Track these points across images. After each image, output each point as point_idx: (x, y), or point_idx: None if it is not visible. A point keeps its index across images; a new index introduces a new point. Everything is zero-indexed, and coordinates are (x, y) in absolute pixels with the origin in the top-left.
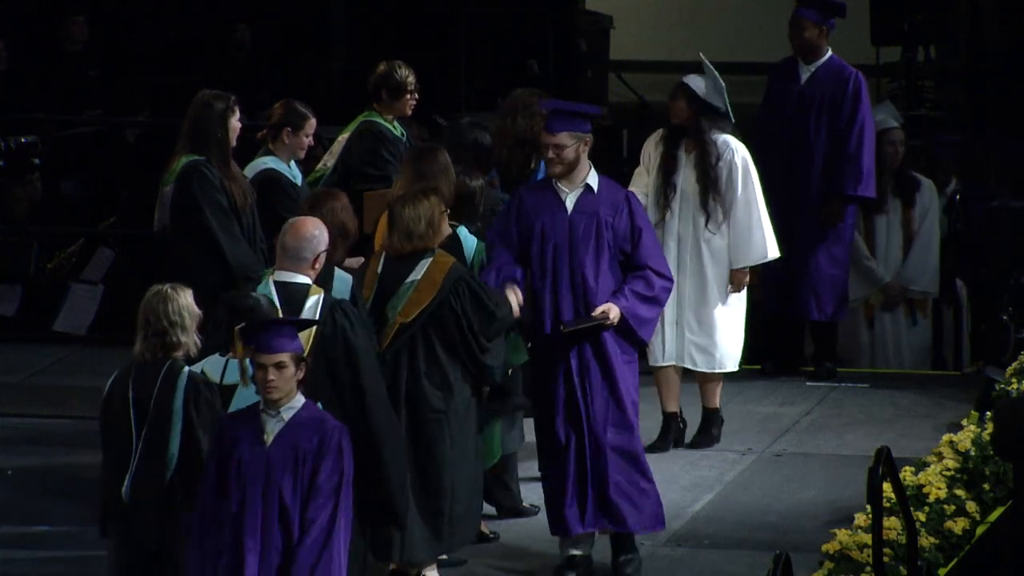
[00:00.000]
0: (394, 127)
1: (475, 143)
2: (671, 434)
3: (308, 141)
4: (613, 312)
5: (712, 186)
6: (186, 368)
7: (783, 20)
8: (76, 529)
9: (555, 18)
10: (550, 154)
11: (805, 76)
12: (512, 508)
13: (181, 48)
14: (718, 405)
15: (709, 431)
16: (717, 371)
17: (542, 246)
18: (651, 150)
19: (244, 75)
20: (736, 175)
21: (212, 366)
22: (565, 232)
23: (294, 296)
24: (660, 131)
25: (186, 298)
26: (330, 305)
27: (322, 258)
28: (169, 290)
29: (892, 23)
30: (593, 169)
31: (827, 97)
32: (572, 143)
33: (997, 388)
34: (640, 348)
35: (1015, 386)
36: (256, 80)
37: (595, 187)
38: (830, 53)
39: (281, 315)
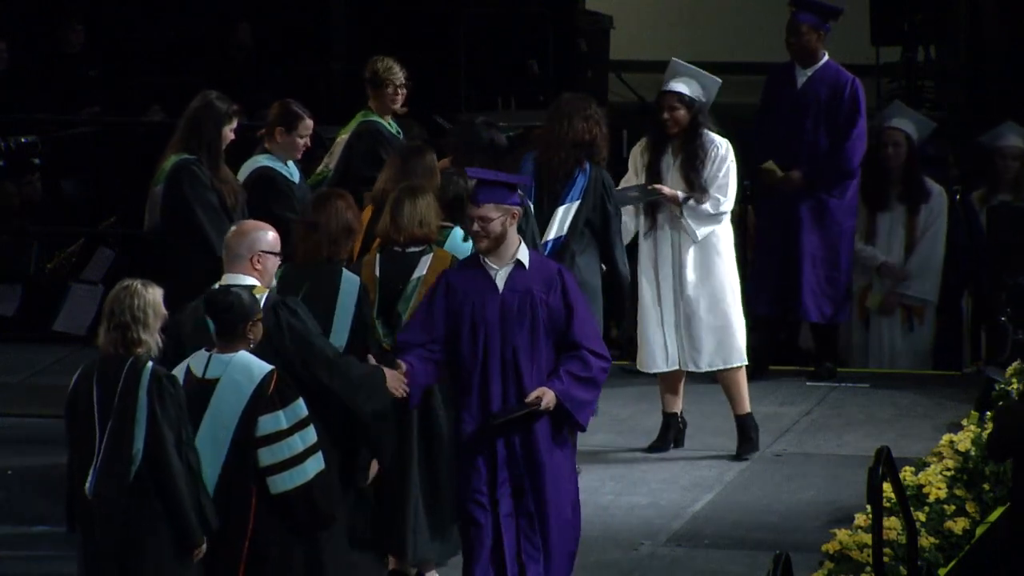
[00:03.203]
0: (389, 125)
1: (491, 143)
2: (671, 434)
3: (303, 142)
4: (547, 397)
5: (698, 183)
6: (150, 364)
7: (783, 20)
8: None
9: (555, 18)
10: (475, 227)
11: (802, 80)
12: None
13: (181, 48)
14: (748, 409)
15: (748, 438)
16: (730, 366)
17: (473, 329)
18: (638, 158)
19: (244, 75)
20: (722, 168)
21: (196, 361)
22: (497, 312)
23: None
24: (644, 140)
25: (154, 296)
26: (273, 303)
27: (261, 258)
28: (139, 286)
29: (892, 23)
30: (523, 244)
31: (824, 101)
32: (498, 215)
33: (997, 388)
34: (579, 431)
35: (1015, 386)
36: (256, 80)
37: (526, 263)
38: (827, 57)
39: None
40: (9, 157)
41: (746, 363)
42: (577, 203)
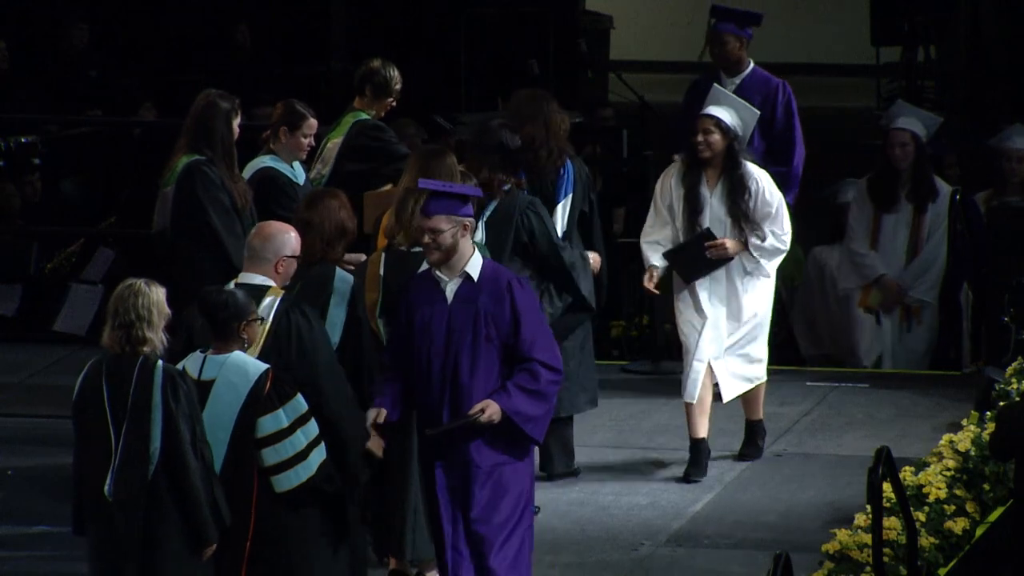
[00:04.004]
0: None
1: (500, 145)
2: (704, 459)
3: (307, 142)
4: (490, 410)
5: (744, 218)
6: (160, 362)
7: (781, 21)
8: None
9: (555, 18)
10: (426, 239)
11: (731, 89)
12: None
13: (181, 48)
14: (761, 416)
15: (755, 443)
16: (759, 383)
17: (420, 340)
18: (671, 189)
19: (244, 75)
20: (772, 200)
21: (192, 363)
22: (443, 324)
23: (253, 296)
24: (676, 166)
25: (158, 295)
26: (287, 306)
27: (285, 262)
28: (142, 285)
29: (892, 23)
30: (477, 254)
31: (757, 108)
32: (449, 227)
33: (997, 388)
34: (535, 445)
35: (1015, 386)
36: (256, 80)
37: (475, 275)
38: (752, 64)
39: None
40: (9, 157)
41: (767, 377)
42: (571, 196)
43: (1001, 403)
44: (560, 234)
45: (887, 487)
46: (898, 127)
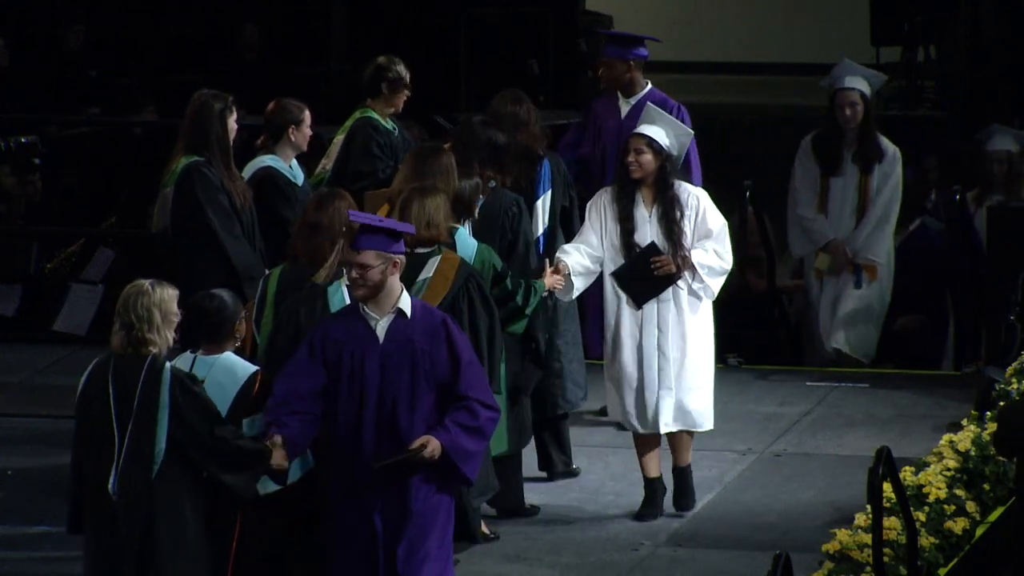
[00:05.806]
0: (386, 122)
1: (488, 142)
2: (659, 498)
3: (310, 131)
4: (431, 445)
5: (680, 239)
6: (168, 363)
7: (782, 21)
8: None
9: (555, 18)
10: (354, 274)
11: (626, 110)
12: (512, 508)
13: (182, 47)
14: (690, 460)
15: (687, 492)
16: (699, 430)
17: (350, 380)
18: (605, 208)
19: (245, 75)
20: (710, 217)
21: (181, 363)
22: (376, 364)
23: None
24: (612, 187)
25: (162, 295)
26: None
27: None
28: (148, 285)
29: (892, 23)
30: (405, 292)
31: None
32: (379, 263)
33: (997, 388)
34: (465, 486)
35: (1015, 386)
36: (257, 80)
37: (408, 312)
38: (649, 86)
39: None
40: (9, 157)
41: (711, 427)
42: (550, 191)
43: (1001, 403)
44: (542, 229)
45: (887, 487)
46: (846, 87)
